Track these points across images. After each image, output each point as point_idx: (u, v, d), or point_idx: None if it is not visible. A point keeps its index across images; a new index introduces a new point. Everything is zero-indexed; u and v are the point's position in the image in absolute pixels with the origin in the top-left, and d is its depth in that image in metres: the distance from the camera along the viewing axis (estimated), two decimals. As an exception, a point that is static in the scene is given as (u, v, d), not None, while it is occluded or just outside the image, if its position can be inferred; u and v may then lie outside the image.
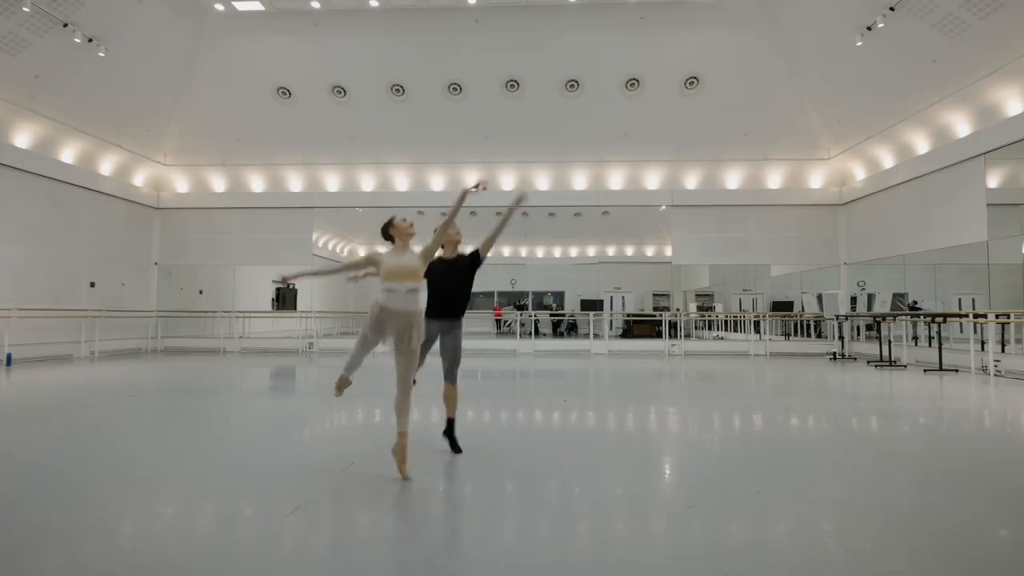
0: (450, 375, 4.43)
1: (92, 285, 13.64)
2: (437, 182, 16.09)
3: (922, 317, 11.20)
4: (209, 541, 2.70)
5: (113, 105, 13.28)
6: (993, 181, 10.40)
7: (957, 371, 10.33)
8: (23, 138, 11.92)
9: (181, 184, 16.23)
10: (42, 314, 12.03)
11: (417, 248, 3.94)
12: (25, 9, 10.08)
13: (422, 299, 3.75)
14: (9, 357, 10.85)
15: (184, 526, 2.91)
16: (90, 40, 11.43)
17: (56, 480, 3.60)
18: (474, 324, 20.84)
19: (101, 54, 11.78)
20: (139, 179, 15.35)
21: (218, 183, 16.27)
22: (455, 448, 4.29)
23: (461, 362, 4.49)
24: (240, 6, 12.63)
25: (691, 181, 15.69)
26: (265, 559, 2.46)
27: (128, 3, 11.45)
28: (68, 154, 13.05)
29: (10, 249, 11.55)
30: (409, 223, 4.01)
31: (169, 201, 15.99)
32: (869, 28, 10.97)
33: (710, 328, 20.36)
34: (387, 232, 4.08)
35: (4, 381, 8.70)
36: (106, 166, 14.18)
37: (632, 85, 14.20)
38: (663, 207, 15.50)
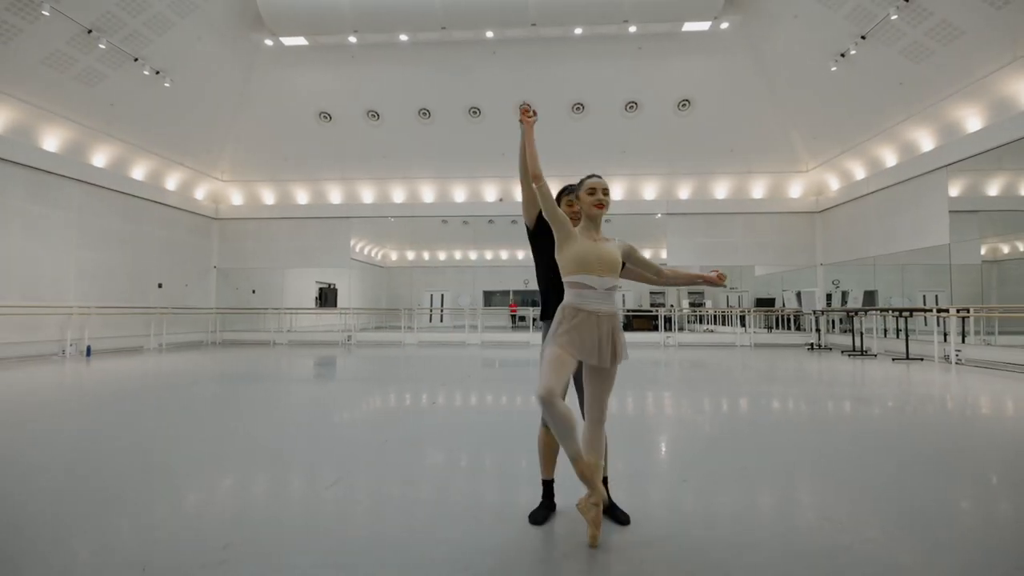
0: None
1: (160, 286, 13.87)
2: (459, 194, 16.16)
3: (891, 311, 11.07)
4: (262, 508, 2.76)
5: (177, 129, 13.49)
6: (954, 190, 10.25)
7: (922, 360, 10.21)
8: (100, 158, 12.15)
9: (236, 197, 16.44)
10: (117, 311, 12.26)
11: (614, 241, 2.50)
12: (101, 46, 10.28)
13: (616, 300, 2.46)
14: (89, 348, 11.09)
15: (239, 494, 2.98)
16: (157, 72, 11.62)
17: (130, 454, 3.70)
18: (492, 319, 20.90)
19: (167, 84, 11.97)
20: (200, 193, 15.57)
21: (268, 196, 16.45)
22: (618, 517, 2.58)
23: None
24: (287, 41, 12.76)
25: (684, 192, 15.61)
26: (311, 525, 2.52)
27: (190, 40, 11.61)
28: (139, 172, 13.27)
29: (90, 255, 11.78)
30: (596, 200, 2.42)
31: (226, 212, 16.19)
32: (843, 55, 10.86)
33: (701, 322, 20.25)
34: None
35: (85, 369, 8.90)
36: (171, 182, 14.40)
37: (631, 107, 14.16)
38: (659, 215, 15.44)
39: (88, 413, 5.25)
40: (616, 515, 2.56)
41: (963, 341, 10.20)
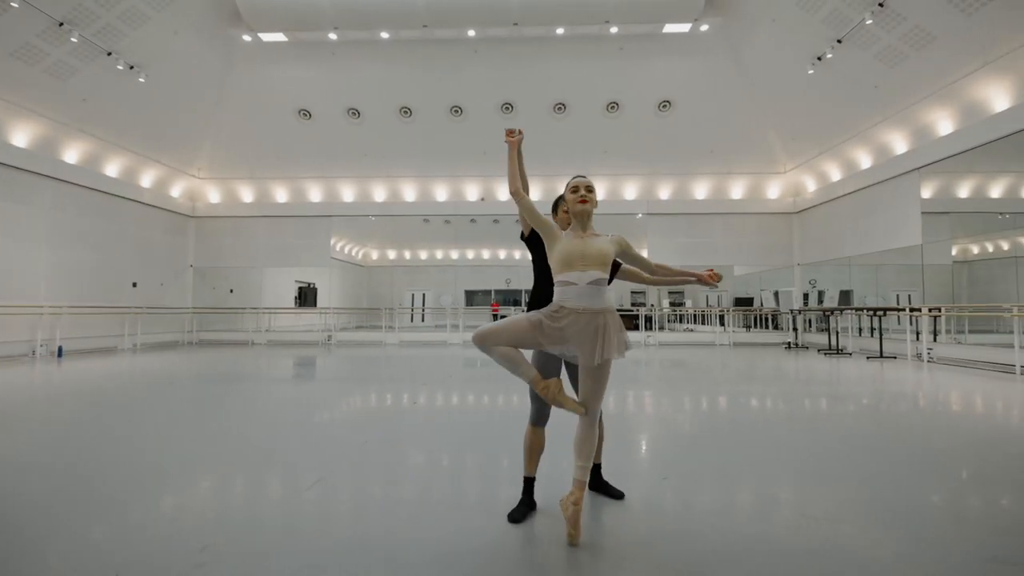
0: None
1: (134, 285, 13.58)
2: (441, 193, 16.10)
3: (865, 311, 11.31)
4: (240, 509, 2.73)
5: (152, 125, 13.21)
6: (927, 192, 10.51)
7: (895, 358, 10.46)
8: (72, 155, 11.85)
9: (213, 195, 16.16)
10: (89, 311, 11.97)
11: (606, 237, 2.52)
12: (73, 40, 10.03)
13: (609, 296, 2.45)
14: (60, 349, 10.81)
15: (218, 496, 2.94)
16: (131, 67, 11.37)
17: (104, 455, 3.62)
18: (474, 319, 20.86)
19: (142, 80, 11.72)
20: (176, 191, 15.27)
21: (246, 194, 16.21)
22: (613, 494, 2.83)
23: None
24: (266, 37, 12.59)
25: (664, 192, 15.76)
26: (291, 525, 2.50)
27: (166, 35, 11.38)
28: (112, 168, 12.97)
29: (63, 254, 11.48)
30: (580, 196, 2.49)
31: (203, 210, 15.91)
32: (820, 58, 11.06)
33: (681, 321, 20.45)
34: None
35: (56, 370, 8.67)
36: (146, 179, 14.10)
37: (612, 108, 14.25)
38: (640, 215, 15.57)
39: (59, 415, 5.12)
40: (610, 492, 2.82)
41: (935, 340, 10.47)
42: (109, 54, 10.82)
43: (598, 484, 2.88)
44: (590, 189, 2.51)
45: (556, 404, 2.36)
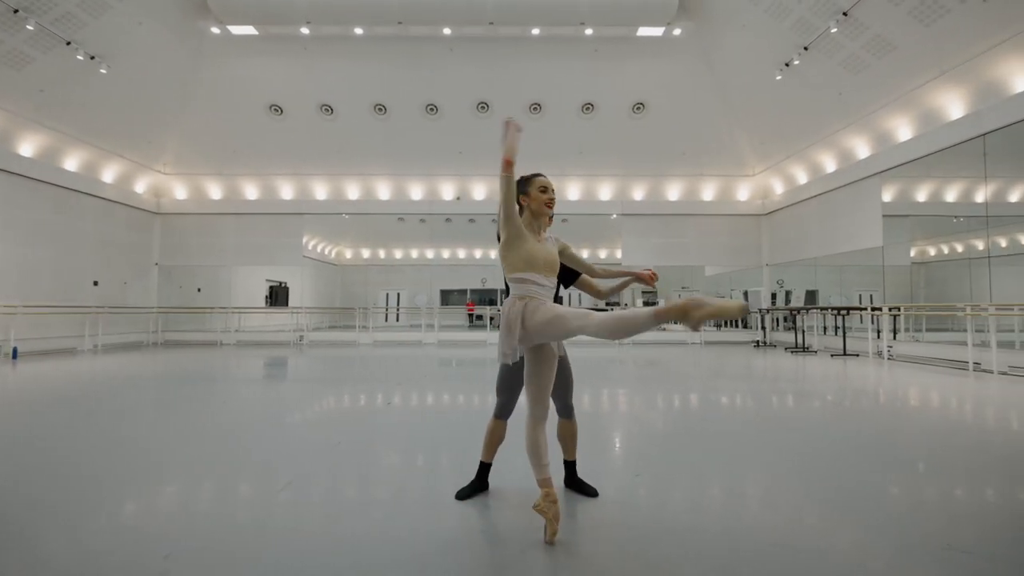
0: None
1: (95, 284, 13.13)
2: (416, 192, 15.98)
3: (829, 310, 11.64)
4: (207, 515, 2.66)
5: (115, 118, 12.78)
6: (887, 196, 10.87)
7: (858, 355, 10.79)
8: (28, 147, 11.40)
9: (180, 191, 15.73)
10: (47, 310, 11.52)
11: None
12: (29, 27, 9.64)
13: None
14: (15, 351, 10.38)
15: (184, 501, 2.86)
16: (92, 58, 10.99)
17: (60, 462, 3.49)
18: (449, 318, 20.78)
19: (103, 71, 11.34)
20: (140, 186, 14.82)
21: (215, 191, 15.82)
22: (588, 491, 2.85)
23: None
24: (235, 30, 12.30)
25: (638, 193, 15.95)
26: (260, 530, 2.45)
27: (129, 25, 11.03)
28: (72, 163, 12.52)
29: (17, 250, 11.03)
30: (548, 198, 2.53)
31: (168, 207, 15.48)
32: (787, 64, 11.34)
33: (653, 320, 20.68)
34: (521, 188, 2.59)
35: (10, 372, 8.33)
36: (108, 174, 13.65)
37: (587, 109, 14.36)
38: (614, 216, 15.72)
39: (14, 418, 4.92)
40: (585, 489, 2.83)
41: (894, 337, 10.84)
42: (68, 43, 10.43)
43: (573, 482, 2.90)
44: (554, 192, 2.59)
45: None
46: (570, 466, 2.91)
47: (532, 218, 2.52)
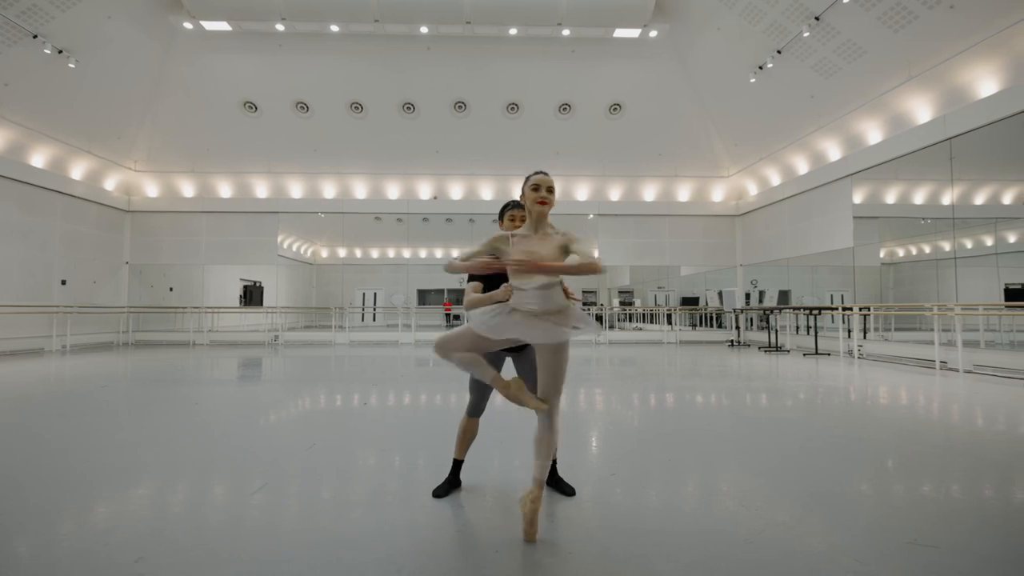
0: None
1: (63, 283, 12.73)
2: (393, 191, 15.85)
3: (802, 310, 11.87)
4: (180, 518, 2.60)
5: (83, 114, 12.42)
6: (858, 198, 11.13)
7: (830, 354, 11.03)
8: (-9, 143, 11.01)
9: (151, 189, 15.34)
10: (12, 310, 11.15)
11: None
12: (-7, 20, 9.33)
13: (560, 297, 2.41)
14: (-22, 352, 10.03)
15: (156, 505, 2.80)
16: (60, 52, 10.66)
17: (27, 466, 3.38)
18: (426, 318, 20.66)
19: (71, 65, 11.01)
20: (110, 184, 14.42)
21: (187, 188, 15.47)
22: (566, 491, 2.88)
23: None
24: (208, 26, 12.03)
25: (615, 194, 16.06)
26: (234, 532, 2.41)
27: (98, 19, 10.73)
28: (38, 159, 12.12)
29: (-22, 249, 10.66)
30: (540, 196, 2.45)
31: (139, 204, 15.09)
32: (761, 67, 11.54)
33: (631, 320, 20.92)
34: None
35: (-26, 375, 8.03)
36: (77, 171, 13.25)
37: (564, 109, 14.42)
38: (591, 216, 15.81)
39: (-25, 424, 4.74)
40: (563, 488, 2.88)
41: (864, 337, 11.10)
42: (35, 36, 10.11)
43: (553, 480, 2.92)
44: (551, 190, 2.46)
45: (517, 402, 2.37)
46: (551, 465, 2.91)
47: (529, 217, 2.50)
